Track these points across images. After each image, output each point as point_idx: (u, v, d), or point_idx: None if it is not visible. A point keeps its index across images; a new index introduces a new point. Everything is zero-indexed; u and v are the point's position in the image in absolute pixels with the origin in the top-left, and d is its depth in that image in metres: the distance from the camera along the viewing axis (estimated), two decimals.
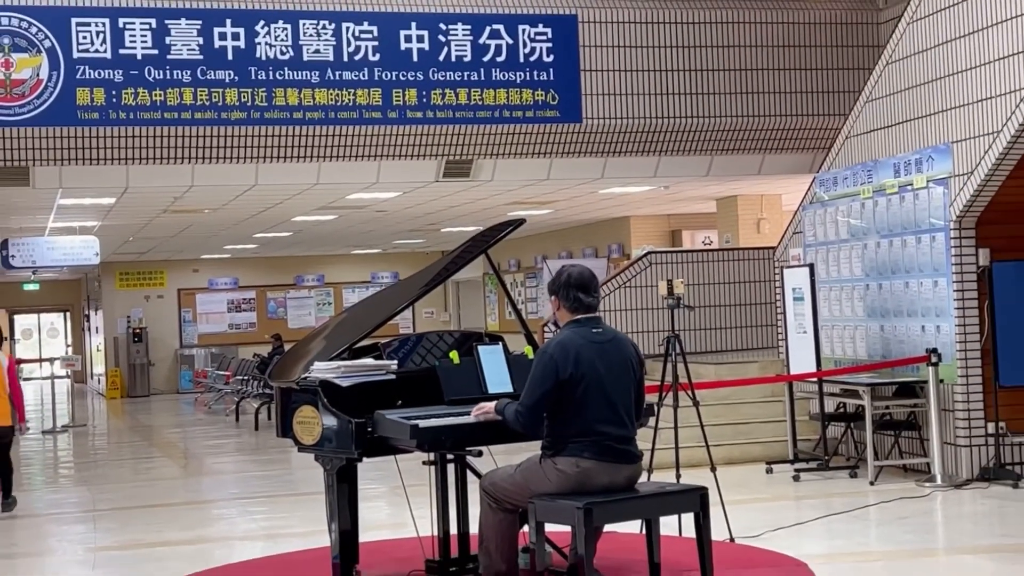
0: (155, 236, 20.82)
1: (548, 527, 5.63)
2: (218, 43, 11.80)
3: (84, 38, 11.45)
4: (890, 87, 11.16)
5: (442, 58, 12.37)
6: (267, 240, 23.28)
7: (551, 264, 18.72)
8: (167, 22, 11.65)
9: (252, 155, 12.19)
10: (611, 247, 21.18)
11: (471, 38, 12.45)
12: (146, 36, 11.59)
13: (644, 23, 13.02)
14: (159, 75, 11.63)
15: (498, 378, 6.28)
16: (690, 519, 5.82)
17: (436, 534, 6.46)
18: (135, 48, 11.58)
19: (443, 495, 6.43)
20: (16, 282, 31.26)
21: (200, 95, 11.75)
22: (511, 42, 12.57)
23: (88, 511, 11.02)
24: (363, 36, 12.17)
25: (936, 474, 10.15)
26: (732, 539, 7.79)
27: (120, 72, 11.54)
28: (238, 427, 18.91)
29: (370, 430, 5.88)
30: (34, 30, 11.33)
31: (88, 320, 32.43)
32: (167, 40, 11.66)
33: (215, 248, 25.25)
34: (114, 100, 11.53)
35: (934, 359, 10.26)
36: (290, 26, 11.98)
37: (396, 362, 6.45)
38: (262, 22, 11.92)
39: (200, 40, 11.74)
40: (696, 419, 8.51)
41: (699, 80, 13.16)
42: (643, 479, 5.95)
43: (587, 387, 5.61)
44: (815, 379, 11.35)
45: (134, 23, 11.56)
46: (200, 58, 11.75)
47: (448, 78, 12.38)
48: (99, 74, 11.49)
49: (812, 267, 11.68)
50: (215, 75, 11.78)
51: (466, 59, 12.43)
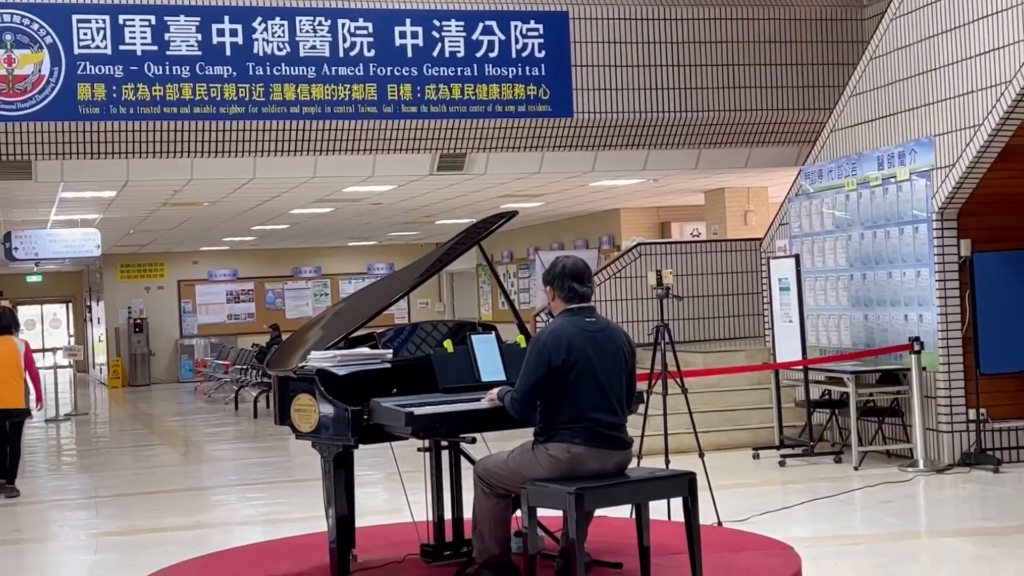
0: (155, 228, 20.79)
1: (540, 512, 5.63)
2: (216, 39, 11.78)
3: (85, 34, 11.42)
4: (874, 82, 11.17)
5: (436, 54, 12.35)
6: (265, 232, 23.26)
7: (543, 255, 18.73)
8: (166, 19, 11.63)
9: (250, 149, 12.17)
10: (601, 239, 21.19)
11: (464, 34, 12.43)
12: (145, 32, 11.57)
13: (633, 19, 13.01)
14: (158, 71, 11.60)
15: (491, 367, 6.28)
16: (679, 504, 5.82)
17: (431, 519, 6.46)
18: (135, 44, 11.55)
19: (437, 481, 6.43)
20: (19, 274, 31.21)
21: (199, 90, 11.72)
22: (503, 38, 12.55)
23: (90, 497, 11.02)
24: (358, 32, 12.15)
25: (919, 459, 10.17)
26: (720, 523, 7.80)
27: (120, 68, 11.51)
28: (237, 415, 18.91)
29: (366, 417, 5.87)
30: (36, 27, 11.29)
31: (90, 311, 32.39)
32: (166, 36, 11.63)
33: (214, 240, 25.24)
34: (114, 95, 11.50)
35: (917, 347, 10.27)
36: (287, 22, 11.96)
37: (391, 351, 6.44)
38: (259, 19, 11.90)
39: (199, 36, 11.72)
40: (685, 406, 8.52)
41: (687, 75, 13.16)
42: (633, 465, 5.95)
43: (579, 374, 5.61)
44: (801, 367, 11.37)
45: (134, 20, 11.53)
46: (199, 54, 11.73)
47: (442, 73, 12.36)
48: (100, 70, 11.46)
49: (798, 258, 11.69)
50: (213, 71, 11.76)
51: (459, 55, 12.41)
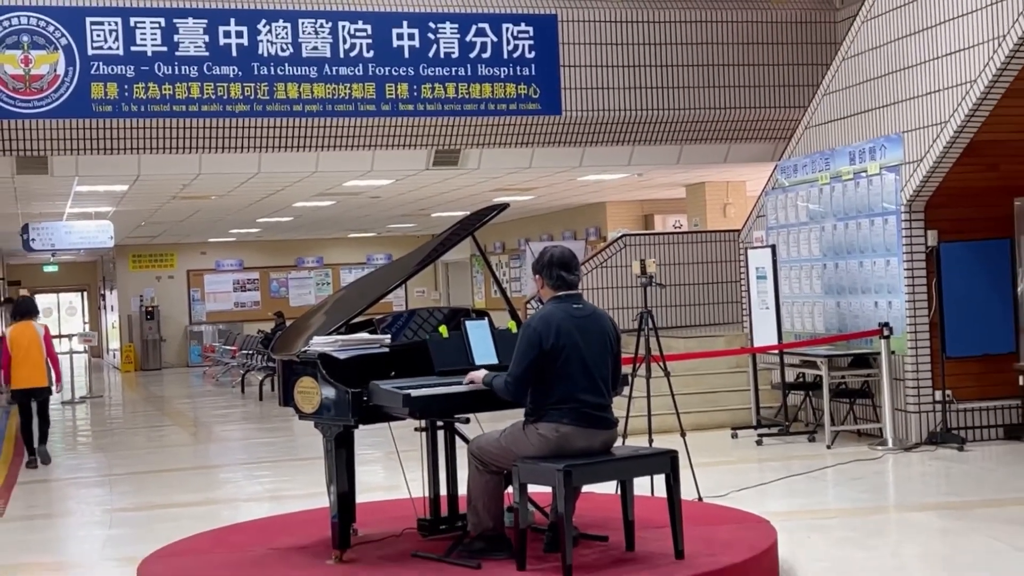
0: (165, 221, 20.74)
1: (531, 488, 5.64)
2: (223, 41, 11.74)
3: (98, 36, 11.38)
4: (846, 81, 11.17)
5: (431, 55, 12.33)
6: (270, 224, 23.22)
7: (533, 246, 18.70)
8: (175, 21, 11.59)
9: (255, 145, 12.14)
10: (589, 230, 21.18)
11: (458, 36, 12.41)
12: (155, 34, 11.53)
13: (619, 22, 13.00)
14: (168, 71, 11.57)
15: (484, 351, 6.27)
16: (662, 480, 5.83)
17: (427, 495, 6.46)
18: (145, 45, 11.51)
19: (433, 459, 6.43)
20: (37, 264, 31.16)
21: (206, 89, 11.69)
22: (496, 40, 12.53)
23: (105, 475, 11.02)
24: (358, 34, 12.12)
25: (888, 438, 10.20)
26: (700, 498, 7.82)
27: (132, 68, 11.48)
28: (243, 398, 18.89)
29: (365, 399, 5.86)
30: (51, 29, 11.25)
31: (104, 299, 32.32)
32: (175, 38, 11.60)
33: (221, 232, 25.18)
34: (126, 94, 11.47)
35: (886, 332, 10.29)
36: (290, 25, 11.93)
37: (389, 336, 6.43)
38: (264, 21, 11.87)
39: (206, 38, 11.68)
40: (667, 388, 8.53)
41: (670, 75, 13.15)
42: (618, 443, 5.95)
43: (567, 358, 5.61)
44: (776, 351, 11.38)
45: (144, 22, 11.50)
46: (206, 55, 11.69)
47: (437, 73, 12.34)
48: (112, 70, 11.42)
49: (774, 248, 11.70)
50: (220, 71, 11.72)
51: (454, 55, 12.39)
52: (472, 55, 12.46)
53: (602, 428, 5.70)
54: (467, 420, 6.12)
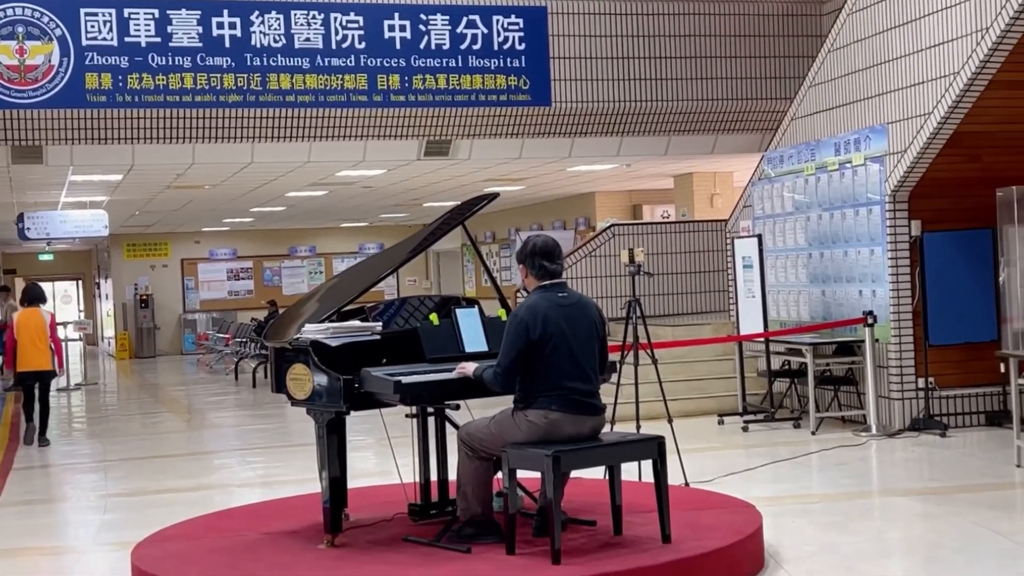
0: (159, 210, 20.69)
1: (520, 473, 5.64)
2: (216, 32, 11.70)
3: (92, 27, 11.33)
4: (831, 73, 11.17)
5: (423, 46, 12.30)
6: (263, 214, 23.17)
7: (523, 236, 18.70)
8: (169, 12, 11.55)
9: (248, 135, 12.11)
10: (578, 220, 21.18)
11: (449, 27, 12.38)
12: (149, 25, 11.48)
13: (608, 14, 12.98)
14: (162, 61, 11.53)
15: (474, 338, 6.27)
16: (649, 466, 5.84)
17: (418, 480, 6.46)
18: (139, 36, 11.46)
19: (424, 445, 6.43)
20: (32, 253, 31.05)
21: (200, 80, 11.65)
22: (486, 31, 12.50)
23: (100, 461, 11.00)
24: (350, 25, 12.08)
25: (871, 425, 10.23)
26: (687, 483, 7.83)
27: (126, 58, 11.43)
28: (237, 385, 18.88)
29: (357, 386, 5.85)
30: (46, 19, 11.20)
31: (98, 287, 32.25)
32: (169, 29, 11.55)
33: (215, 221, 25.13)
34: (120, 84, 11.42)
35: (870, 320, 10.31)
36: (283, 16, 11.89)
37: (381, 324, 6.42)
38: (257, 12, 11.82)
39: (199, 29, 11.64)
40: (655, 376, 8.54)
41: (658, 67, 13.14)
42: (606, 430, 5.96)
43: (555, 346, 5.60)
44: (762, 339, 11.40)
45: (138, 13, 11.45)
46: (199, 46, 11.65)
47: (428, 64, 12.31)
48: (106, 60, 11.37)
49: (760, 238, 11.70)
50: (213, 61, 11.68)
51: (445, 47, 12.36)
52: (463, 47, 12.44)
53: (590, 414, 5.71)
54: (457, 407, 6.12)
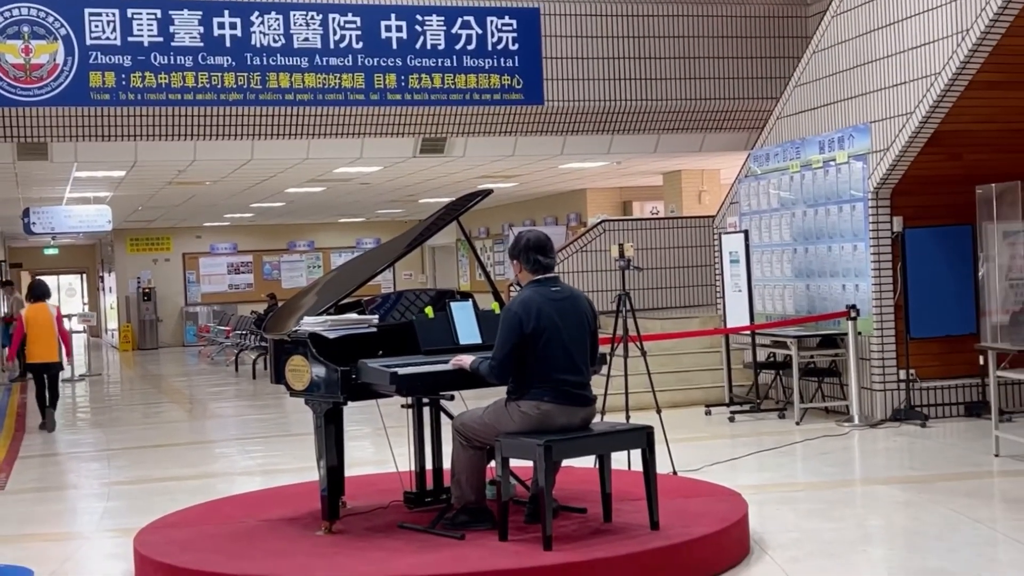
0: (162, 205, 20.66)
1: (513, 462, 5.65)
2: (217, 32, 11.68)
3: (96, 27, 11.31)
4: (816, 73, 11.18)
5: (419, 46, 12.29)
6: (263, 209, 23.14)
7: (516, 231, 18.69)
8: (171, 12, 11.53)
9: (248, 133, 12.10)
10: (569, 216, 21.18)
11: (445, 28, 12.37)
12: (152, 25, 11.46)
13: (599, 15, 12.98)
14: (164, 60, 11.51)
15: (468, 331, 6.27)
16: (638, 455, 5.85)
17: (413, 469, 6.47)
18: (142, 36, 11.45)
19: (419, 435, 6.44)
20: (37, 247, 31.01)
21: (201, 78, 11.64)
22: (480, 32, 12.50)
23: (103, 450, 11.00)
24: (348, 26, 12.07)
25: (854, 415, 10.25)
26: (675, 472, 7.85)
27: (129, 58, 11.41)
28: (237, 376, 18.87)
29: (354, 377, 5.86)
30: (51, 19, 11.18)
31: (102, 281, 32.19)
32: (171, 29, 11.53)
33: (216, 216, 25.09)
34: (123, 83, 11.41)
35: (853, 314, 10.33)
36: (282, 16, 11.87)
37: (377, 317, 6.43)
38: (257, 13, 11.81)
39: (201, 29, 11.62)
40: (644, 367, 8.55)
41: (648, 67, 13.14)
42: (596, 420, 5.97)
43: (548, 339, 5.61)
44: (748, 332, 11.42)
45: (141, 13, 11.43)
46: (201, 45, 11.64)
47: (424, 64, 12.30)
48: (110, 59, 11.36)
49: (747, 233, 11.72)
50: (214, 60, 11.67)
51: (440, 47, 12.36)
52: (458, 47, 12.43)
53: (581, 405, 5.72)
54: (452, 397, 6.13)
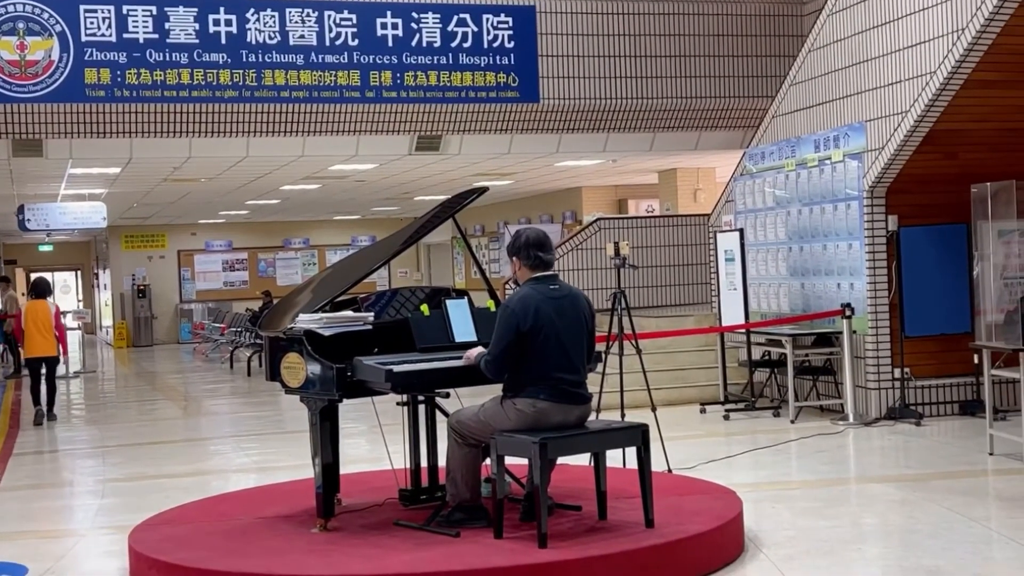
0: (157, 202, 20.63)
1: (508, 460, 5.64)
2: (212, 28, 11.66)
3: (91, 23, 11.28)
4: (811, 72, 11.18)
5: (414, 43, 12.27)
6: (258, 206, 23.12)
7: (512, 229, 18.69)
8: (166, 9, 11.50)
9: (244, 130, 12.08)
10: (565, 214, 21.18)
11: (440, 25, 12.35)
12: (147, 22, 11.44)
13: (595, 13, 12.97)
14: (159, 57, 11.48)
15: (464, 328, 6.26)
16: (633, 453, 5.85)
17: (408, 467, 6.47)
18: (137, 32, 11.42)
19: (415, 432, 6.44)
20: (32, 243, 30.96)
21: (196, 75, 11.61)
22: (476, 30, 12.48)
23: (98, 447, 10.98)
24: (343, 23, 12.05)
25: (849, 413, 10.26)
26: (670, 470, 7.85)
27: (124, 54, 11.39)
28: (232, 373, 18.84)
29: (349, 375, 5.85)
30: (46, 16, 11.14)
31: (97, 278, 32.16)
32: (166, 25, 11.51)
33: (211, 213, 25.07)
34: (119, 80, 11.38)
35: (848, 312, 10.34)
36: (277, 13, 11.85)
37: (373, 314, 6.41)
38: (252, 10, 11.78)
39: (196, 26, 11.60)
40: (639, 365, 8.55)
41: (643, 65, 13.14)
42: (592, 418, 5.97)
43: (544, 337, 5.60)
44: (744, 330, 11.42)
45: (136, 10, 11.40)
46: (196, 42, 11.61)
47: (420, 61, 12.29)
48: (105, 56, 11.33)
49: (742, 232, 11.72)
50: (210, 57, 11.64)
51: (436, 44, 12.34)
52: (453, 44, 12.41)
53: (577, 403, 5.71)
54: (447, 395, 6.12)
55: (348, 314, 6.32)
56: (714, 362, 12.05)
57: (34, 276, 18.15)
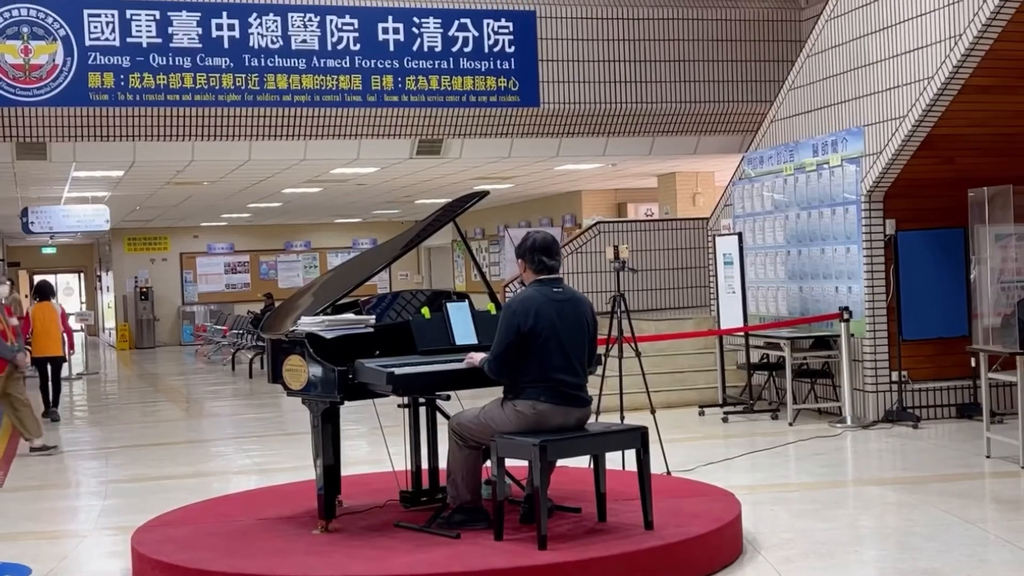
0: (159, 205, 20.64)
1: (508, 462, 5.65)
2: (215, 33, 11.68)
3: (95, 27, 11.30)
4: (810, 77, 11.19)
5: (416, 48, 12.29)
6: (260, 209, 23.13)
7: (512, 232, 18.70)
8: (169, 14, 11.52)
9: (246, 134, 12.09)
10: (565, 217, 21.19)
11: (441, 30, 12.37)
12: (151, 26, 11.46)
13: (595, 19, 12.99)
14: (162, 61, 11.50)
15: (464, 331, 6.27)
16: (632, 455, 5.85)
17: (409, 468, 6.47)
18: (141, 37, 11.44)
19: (415, 434, 6.44)
20: (35, 246, 30.98)
21: (199, 79, 11.63)
22: (477, 34, 12.50)
23: (101, 448, 10.98)
24: (345, 28, 12.07)
25: (847, 416, 10.26)
26: (669, 472, 7.85)
27: (127, 58, 11.41)
28: (234, 375, 18.84)
29: (351, 377, 5.85)
30: (50, 20, 11.16)
31: (100, 280, 32.17)
32: (169, 30, 11.53)
33: (213, 216, 25.08)
34: (122, 83, 11.40)
35: (846, 316, 10.34)
36: (280, 18, 11.87)
37: (374, 317, 6.42)
38: (255, 14, 11.80)
39: (199, 30, 11.61)
40: (638, 368, 8.55)
41: (643, 70, 13.15)
42: (591, 420, 5.97)
43: (545, 339, 5.60)
44: (742, 333, 11.42)
45: (140, 14, 11.42)
46: (199, 46, 11.63)
47: (421, 66, 12.31)
48: (108, 60, 11.35)
49: (740, 235, 11.73)
50: (213, 62, 11.66)
51: (437, 49, 12.36)
52: (454, 49, 12.43)
53: (577, 406, 5.72)
54: (448, 397, 6.13)
55: (350, 317, 6.33)
56: (713, 365, 12.05)
57: (37, 279, 18.28)
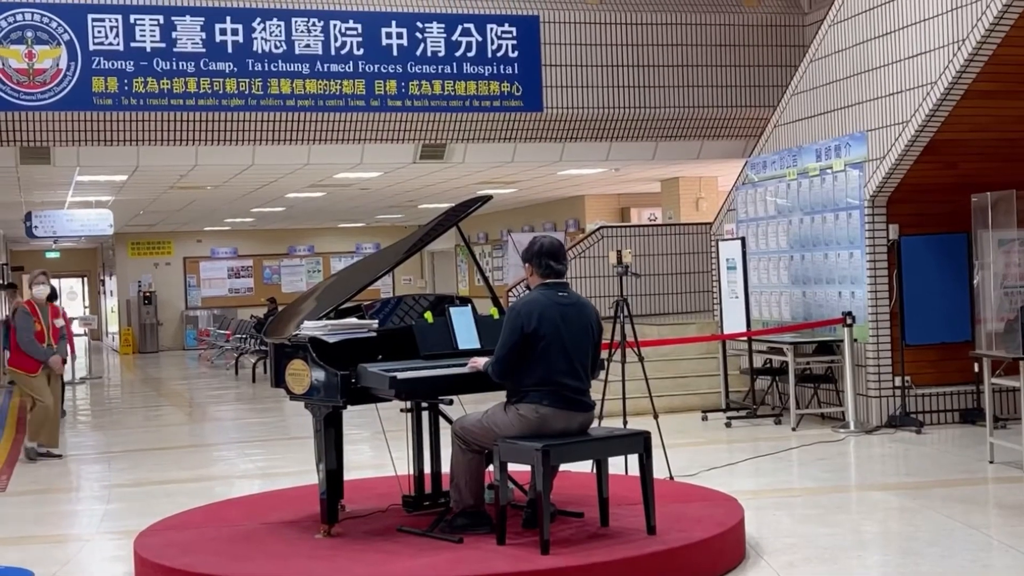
0: (163, 210, 20.66)
1: (511, 466, 5.64)
2: (219, 38, 11.69)
3: (99, 32, 11.32)
4: (813, 82, 11.19)
5: (419, 53, 12.30)
6: (263, 214, 23.15)
7: (515, 237, 18.70)
8: (173, 18, 11.54)
9: (249, 138, 12.11)
10: (568, 222, 21.19)
11: (445, 35, 12.39)
12: (154, 31, 11.48)
13: (598, 24, 13.00)
14: (166, 66, 11.52)
15: (467, 336, 6.27)
16: (635, 460, 5.85)
17: (412, 473, 6.46)
18: (144, 41, 11.46)
19: (418, 439, 6.43)
20: (39, 250, 31.00)
21: (203, 84, 11.64)
22: (480, 39, 12.51)
23: (104, 453, 10.98)
24: (349, 32, 12.08)
25: (850, 421, 10.24)
26: (672, 477, 7.84)
27: (131, 63, 11.43)
28: (237, 379, 18.85)
29: (354, 381, 5.85)
30: (54, 25, 11.18)
31: (103, 284, 32.19)
32: (173, 34, 11.55)
33: (217, 221, 25.09)
34: (126, 88, 11.41)
35: (849, 321, 10.33)
36: (284, 23, 11.88)
37: (377, 321, 6.42)
38: (259, 19, 11.82)
39: (203, 35, 11.63)
40: (641, 373, 8.54)
41: (646, 75, 13.16)
42: (594, 425, 5.96)
43: (548, 342, 5.60)
44: (745, 338, 11.41)
45: (144, 19, 11.44)
46: (203, 51, 11.65)
47: (424, 71, 12.32)
48: (112, 64, 11.36)
49: (744, 240, 11.72)
50: (216, 66, 11.68)
51: (440, 54, 12.37)
52: (458, 54, 12.44)
53: (580, 410, 5.71)
54: (451, 401, 6.12)
55: (352, 321, 6.32)
56: (716, 370, 12.04)
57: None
